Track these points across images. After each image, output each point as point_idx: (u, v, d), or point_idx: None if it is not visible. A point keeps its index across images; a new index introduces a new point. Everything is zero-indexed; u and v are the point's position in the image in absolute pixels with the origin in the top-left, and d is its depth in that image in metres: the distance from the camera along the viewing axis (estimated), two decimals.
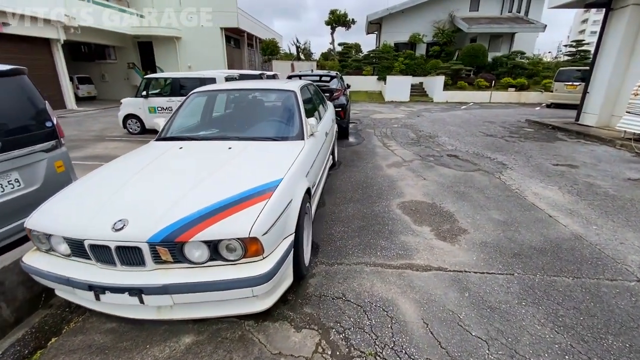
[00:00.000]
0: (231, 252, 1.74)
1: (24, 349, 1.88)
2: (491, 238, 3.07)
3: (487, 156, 6.06)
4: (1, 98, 2.88)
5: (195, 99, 3.51)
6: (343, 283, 2.41)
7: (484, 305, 2.16)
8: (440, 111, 13.49)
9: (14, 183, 2.88)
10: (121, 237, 1.67)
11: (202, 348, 1.85)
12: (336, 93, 6.93)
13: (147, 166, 2.37)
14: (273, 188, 2.01)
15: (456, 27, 20.59)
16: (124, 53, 20.04)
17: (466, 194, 4.18)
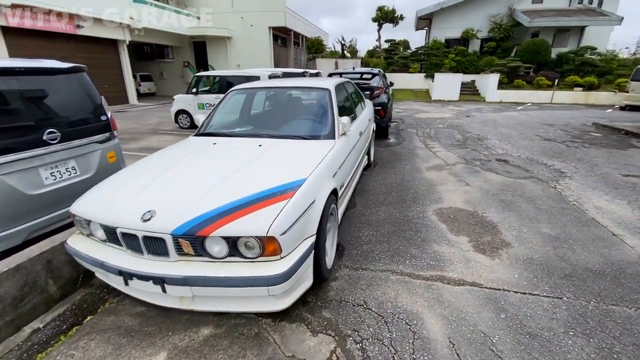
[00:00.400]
0: (249, 250, 1.74)
1: (62, 324, 2.06)
2: (539, 255, 2.75)
3: (542, 162, 5.49)
4: (63, 93, 3.19)
5: (233, 97, 3.60)
6: (366, 290, 2.31)
7: (522, 331, 1.93)
8: (493, 111, 12.56)
9: (70, 170, 3.18)
10: (148, 228, 1.74)
11: (219, 342, 1.88)
12: (377, 91, 6.73)
13: (181, 160, 2.47)
14: (296, 188, 1.97)
15: (515, 21, 19.00)
16: (180, 52, 21.47)
17: (514, 203, 3.81)
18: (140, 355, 1.80)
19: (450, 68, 19.24)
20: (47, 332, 2.01)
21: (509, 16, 19.49)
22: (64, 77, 3.24)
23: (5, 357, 1.84)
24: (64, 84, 3.23)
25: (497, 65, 17.58)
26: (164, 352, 1.82)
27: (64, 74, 3.23)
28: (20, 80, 2.86)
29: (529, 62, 17.47)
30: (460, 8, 20.36)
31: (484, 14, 19.91)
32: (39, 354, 1.85)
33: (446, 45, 21.14)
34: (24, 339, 1.97)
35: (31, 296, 2.21)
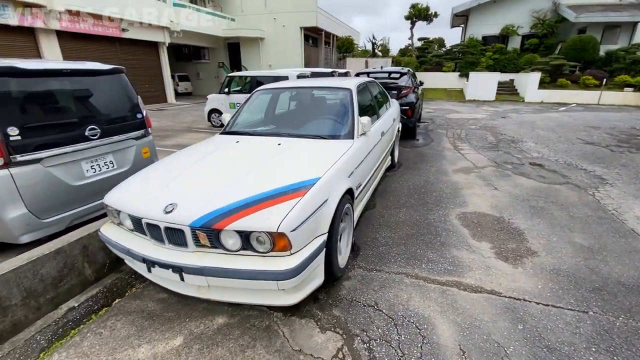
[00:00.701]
0: (261, 245, 1.80)
1: (94, 305, 2.25)
2: (567, 265, 2.59)
3: (581, 167, 5.13)
4: (103, 93, 3.45)
5: (257, 97, 3.72)
6: (378, 291, 2.30)
7: (540, 344, 1.84)
8: (532, 112, 11.87)
9: (109, 164, 3.44)
10: (169, 219, 1.86)
11: (231, 331, 1.97)
12: (404, 91, 6.61)
13: (204, 157, 2.60)
14: (309, 186, 2.01)
15: (560, 16, 17.79)
16: (215, 53, 22.31)
17: (545, 210, 3.60)
18: (159, 338, 1.93)
19: (487, 67, 18.41)
20: (81, 311, 2.21)
21: (553, 11, 18.29)
22: (105, 78, 3.51)
23: (44, 330, 2.05)
24: (104, 84, 3.50)
25: (538, 64, 16.56)
26: (181, 336, 1.93)
27: (105, 75, 3.50)
28: (66, 81, 3.15)
29: (574, 60, 16.27)
30: (499, 3, 19.41)
31: (526, 9, 18.82)
32: (72, 330, 2.04)
33: (483, 42, 20.25)
34: (60, 315, 2.18)
35: (69, 277, 2.43)
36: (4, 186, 2.67)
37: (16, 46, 10.86)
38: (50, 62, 3.18)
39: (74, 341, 1.94)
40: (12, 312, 2.09)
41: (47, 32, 11.46)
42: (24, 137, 2.74)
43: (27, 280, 2.16)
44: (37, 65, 2.93)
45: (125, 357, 1.81)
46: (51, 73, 3.03)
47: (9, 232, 2.77)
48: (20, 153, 2.73)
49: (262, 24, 20.49)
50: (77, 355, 1.84)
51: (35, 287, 2.20)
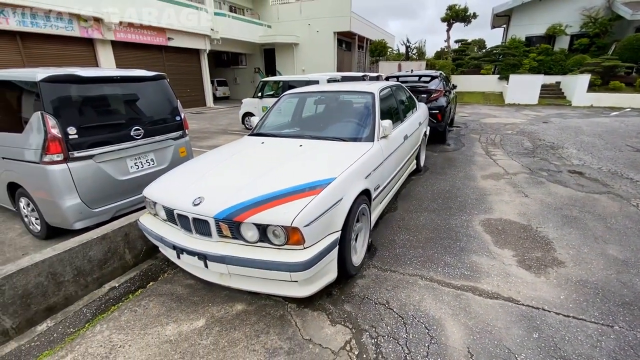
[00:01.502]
0: (276, 237, 1.94)
1: (132, 286, 2.52)
2: (596, 278, 2.46)
3: (627, 177, 4.75)
4: (147, 97, 3.82)
5: (284, 101, 3.90)
6: (391, 290, 2.34)
7: (555, 354, 1.79)
8: (578, 117, 11.08)
9: (150, 162, 3.78)
10: (197, 211, 2.06)
11: (248, 317, 2.12)
12: (434, 94, 6.51)
13: (232, 156, 2.80)
14: (324, 185, 2.12)
15: (615, 13, 16.43)
16: (252, 59, 23.22)
17: (578, 219, 3.41)
18: (184, 318, 2.13)
19: (530, 69, 17.46)
20: (121, 290, 2.48)
21: (606, 8, 16.93)
22: (149, 84, 3.87)
23: (90, 305, 2.33)
24: (148, 89, 3.86)
25: (588, 65, 15.39)
26: (203, 319, 2.12)
27: (149, 80, 3.87)
28: (117, 86, 3.53)
29: (630, 60, 14.93)
30: (545, 2, 18.37)
31: (575, 7, 17.60)
32: (112, 306, 2.31)
33: (527, 43, 19.23)
34: (103, 293, 2.46)
35: (112, 261, 2.73)
36: (63, 178, 3.06)
37: (77, 55, 12.10)
38: (103, 70, 3.59)
39: (113, 316, 2.20)
40: (64, 287, 2.40)
41: (103, 42, 12.66)
42: (80, 135, 3.13)
43: (78, 260, 2.47)
44: (92, 73, 3.33)
45: (155, 332, 2.02)
46: (104, 80, 3.42)
47: (65, 219, 3.16)
48: (77, 150, 3.11)
49: (296, 29, 21.01)
50: (116, 328, 2.08)
51: (84, 267, 2.51)
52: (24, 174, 3.24)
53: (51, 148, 2.98)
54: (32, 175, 3.16)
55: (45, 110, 2.94)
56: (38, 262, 2.25)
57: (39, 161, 3.02)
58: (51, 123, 2.95)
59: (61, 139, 3.01)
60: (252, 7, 22.34)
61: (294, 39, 21.05)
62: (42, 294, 2.29)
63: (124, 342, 1.96)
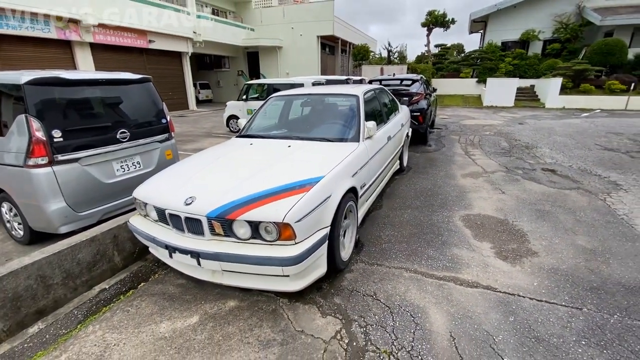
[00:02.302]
0: (268, 234, 2.01)
1: (122, 287, 2.53)
2: (566, 265, 2.65)
3: (596, 173, 5.08)
4: (133, 100, 3.81)
5: (271, 103, 3.98)
6: (377, 283, 2.46)
7: (529, 335, 1.94)
8: (551, 118, 11.64)
9: (136, 165, 3.77)
10: (189, 210, 2.11)
11: (241, 312, 2.18)
12: (416, 97, 6.74)
13: (221, 157, 2.86)
14: (313, 183, 2.21)
15: (585, 19, 17.37)
16: (235, 62, 23.11)
17: (550, 213, 3.64)
18: (178, 316, 2.17)
19: (506, 72, 18.16)
20: (111, 292, 2.49)
21: (577, 15, 17.88)
22: (135, 86, 3.87)
23: (80, 307, 2.33)
24: (134, 92, 3.86)
25: (560, 69, 16.17)
26: (197, 315, 2.16)
27: (135, 83, 3.86)
28: (102, 89, 3.51)
29: (599, 64, 15.81)
30: (519, 8, 19.18)
31: (548, 13, 18.50)
32: (104, 307, 2.31)
33: (502, 48, 20.01)
34: (94, 295, 2.46)
35: (101, 263, 2.72)
36: (47, 182, 3.02)
37: (54, 58, 11.75)
38: (88, 73, 3.56)
39: (105, 316, 2.21)
40: (54, 290, 2.39)
41: (81, 44, 12.35)
42: (65, 139, 3.10)
43: (67, 263, 2.46)
44: (78, 75, 3.31)
45: (149, 330, 2.05)
46: (90, 82, 3.40)
47: (50, 223, 3.11)
48: (62, 153, 3.09)
49: (280, 33, 21.10)
50: (109, 328, 2.10)
51: (73, 270, 2.50)
52: (7, 178, 3.18)
53: (35, 151, 2.95)
54: (15, 179, 3.11)
55: (30, 113, 2.91)
56: (27, 264, 2.24)
57: (22, 165, 2.98)
58: (35, 126, 2.92)
59: (46, 142, 2.98)
60: (234, 10, 22.29)
61: (278, 42, 21.13)
62: (32, 296, 2.27)
63: (118, 341, 1.98)
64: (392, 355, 1.82)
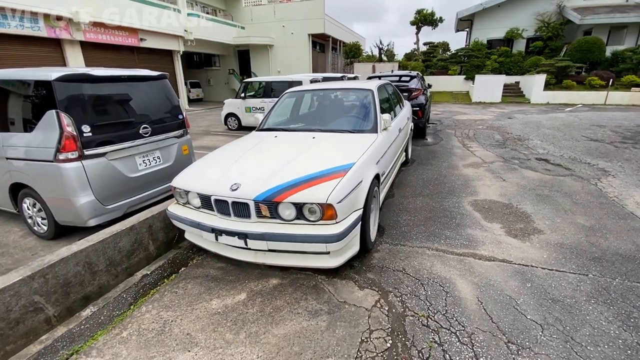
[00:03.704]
0: (312, 214, 2.20)
1: (164, 272, 2.67)
2: (569, 241, 2.94)
3: (585, 162, 5.45)
4: (152, 96, 3.91)
5: (287, 98, 4.15)
6: (404, 260, 2.68)
7: (546, 297, 2.20)
8: (537, 113, 12.16)
9: (156, 159, 3.88)
10: (236, 195, 2.27)
11: (285, 288, 2.36)
12: (415, 93, 7.01)
13: (252, 148, 3.02)
14: (347, 169, 2.41)
15: (565, 18, 18.12)
16: (226, 60, 22.99)
17: (550, 197, 3.94)
18: (226, 294, 2.33)
19: (492, 69, 18.76)
20: (154, 277, 2.63)
21: (558, 14, 18.62)
22: (153, 83, 3.97)
23: (128, 291, 2.46)
24: (153, 89, 3.96)
25: (543, 66, 16.85)
26: (244, 292, 2.33)
27: (154, 80, 3.96)
28: (125, 85, 3.61)
29: (580, 61, 16.55)
30: (503, 8, 19.81)
31: (530, 12, 19.20)
32: (151, 290, 2.45)
33: (488, 46, 20.63)
34: (137, 280, 2.59)
35: (138, 252, 2.85)
36: (77, 176, 3.12)
37: (44, 56, 11.52)
38: (111, 70, 3.64)
39: (155, 297, 2.35)
40: (98, 276, 2.51)
41: (72, 43, 12.13)
42: (93, 134, 3.20)
43: (110, 250, 2.59)
44: (103, 72, 3.40)
45: (201, 307, 2.21)
46: (113, 79, 3.49)
47: (80, 216, 3.20)
48: (90, 148, 3.18)
49: (271, 31, 21.12)
50: (161, 307, 2.24)
51: (115, 257, 2.62)
52: (33, 173, 3.24)
53: (66, 146, 3.03)
54: (43, 174, 3.18)
55: (60, 108, 2.99)
56: (77, 251, 2.35)
57: (52, 159, 3.06)
58: (66, 121, 3.00)
59: (76, 137, 3.07)
60: (224, 8, 22.16)
61: (269, 40, 21.14)
62: (80, 283, 2.39)
63: (174, 317, 2.13)
64: (429, 319, 2.04)
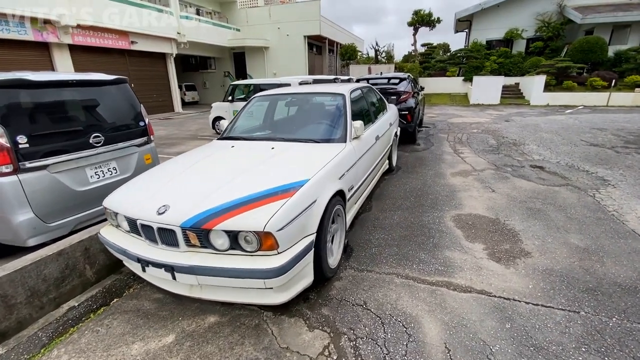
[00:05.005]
0: (248, 244, 1.86)
1: (93, 304, 2.33)
2: (560, 266, 2.58)
3: (583, 169, 5.08)
4: (107, 102, 3.59)
5: (255, 103, 3.82)
6: (368, 291, 2.33)
7: (527, 343, 1.84)
8: (536, 115, 11.78)
9: (112, 170, 3.56)
10: (161, 220, 1.94)
11: (222, 329, 2.02)
12: (404, 96, 6.67)
13: (199, 162, 2.69)
14: (297, 187, 2.07)
15: (566, 18, 17.72)
16: (221, 63, 22.77)
17: (541, 211, 3.58)
18: (152, 335, 2.00)
19: (491, 71, 18.38)
20: (81, 310, 2.29)
21: (558, 13, 18.22)
22: (109, 88, 3.65)
23: (46, 328, 2.13)
24: (109, 94, 3.64)
25: (543, 67, 16.46)
26: (173, 334, 2.00)
27: (109, 84, 3.65)
28: (73, 91, 3.29)
29: (581, 61, 16.14)
30: (502, 8, 19.44)
31: (530, 12, 18.82)
32: (71, 328, 2.12)
33: (487, 47, 20.26)
34: (61, 314, 2.26)
35: (71, 278, 2.52)
36: (13, 191, 2.80)
37: (31, 60, 11.30)
38: (58, 74, 3.34)
39: (72, 338, 2.03)
40: (17, 310, 2.18)
41: (60, 46, 11.91)
42: (32, 144, 2.88)
43: (31, 280, 2.25)
44: (45, 77, 3.08)
45: (119, 353, 1.87)
46: (58, 84, 3.18)
47: (17, 236, 2.89)
48: (29, 160, 2.86)
49: (266, 33, 20.87)
50: (75, 352, 1.91)
51: (38, 287, 2.29)
52: None
53: None
54: None
55: None
56: None
57: None
58: None
59: (10, 149, 2.75)
60: (220, 10, 21.95)
61: (264, 42, 20.89)
62: None
63: None
64: None
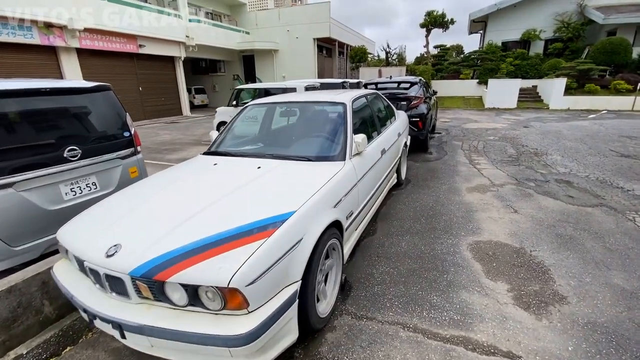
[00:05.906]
0: (210, 301, 1.47)
1: (43, 353, 1.99)
2: (605, 317, 2.10)
3: (618, 185, 4.52)
4: (86, 112, 3.27)
5: (249, 112, 3.46)
6: (366, 348, 1.91)
7: None
8: (557, 121, 11.09)
9: (90, 186, 3.24)
10: (109, 265, 1.57)
11: None
12: (414, 102, 6.21)
13: (172, 184, 2.32)
14: (278, 223, 1.68)
15: (587, 18, 16.87)
16: (231, 66, 22.66)
17: (574, 239, 3.09)
18: None
19: (507, 73, 17.64)
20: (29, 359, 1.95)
21: (578, 14, 17.37)
22: (88, 96, 3.33)
23: None
24: (88, 103, 3.32)
25: (563, 69, 15.65)
26: None
27: (88, 92, 3.33)
28: (44, 100, 2.97)
29: (603, 64, 15.27)
30: (519, 8, 18.70)
31: (548, 12, 18.02)
32: None
33: (503, 48, 19.51)
34: None
35: (25, 317, 2.18)
36: None
37: (38, 64, 11.29)
38: (29, 82, 3.04)
39: None
40: None
41: (67, 50, 11.88)
42: None
43: None
44: (11, 85, 2.79)
45: None
46: (28, 93, 2.88)
47: None
48: None
49: (275, 36, 20.65)
50: None
51: None
52: None
53: None
54: None
55: None
56: None
57: None
58: None
59: None
60: (229, 13, 21.87)
61: (273, 45, 20.67)
62: None
63: None
64: None
